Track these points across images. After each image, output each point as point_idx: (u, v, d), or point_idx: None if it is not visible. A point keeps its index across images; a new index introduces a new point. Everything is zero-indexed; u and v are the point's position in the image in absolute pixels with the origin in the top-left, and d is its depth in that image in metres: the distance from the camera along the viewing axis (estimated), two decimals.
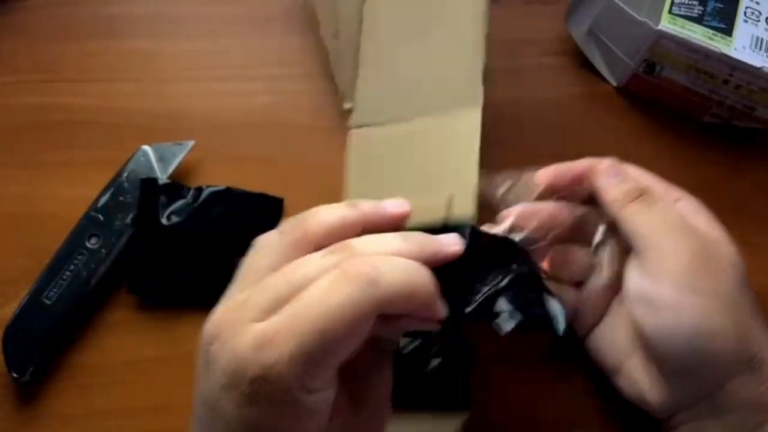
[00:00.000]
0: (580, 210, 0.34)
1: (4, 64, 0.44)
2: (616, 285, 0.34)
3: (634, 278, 0.31)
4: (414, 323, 0.24)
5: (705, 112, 0.43)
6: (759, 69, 0.38)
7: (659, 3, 0.40)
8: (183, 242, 0.38)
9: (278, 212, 0.40)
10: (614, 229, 0.33)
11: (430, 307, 0.24)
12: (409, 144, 0.38)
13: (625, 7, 0.41)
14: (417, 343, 0.34)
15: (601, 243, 0.34)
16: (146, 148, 0.40)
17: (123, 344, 0.38)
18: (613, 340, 0.33)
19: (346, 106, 0.40)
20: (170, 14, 0.46)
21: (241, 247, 0.39)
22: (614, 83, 0.45)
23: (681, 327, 0.29)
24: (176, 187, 0.39)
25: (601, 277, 0.34)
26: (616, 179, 0.32)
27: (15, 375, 0.35)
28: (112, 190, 0.38)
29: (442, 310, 0.24)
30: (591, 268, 0.34)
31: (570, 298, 0.34)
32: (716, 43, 0.38)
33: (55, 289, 0.36)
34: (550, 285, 0.32)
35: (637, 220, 0.31)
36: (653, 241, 0.30)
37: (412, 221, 0.35)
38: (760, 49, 0.38)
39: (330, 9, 0.41)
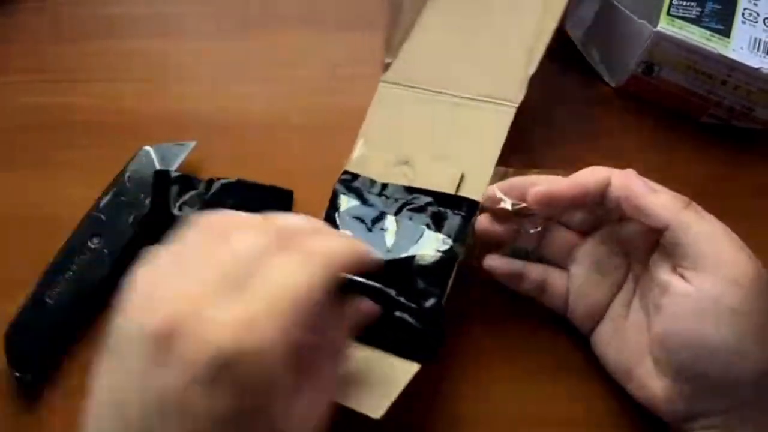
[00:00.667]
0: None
1: (5, 64, 0.44)
2: (604, 281, 0.34)
3: (680, 285, 0.30)
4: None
5: (703, 113, 0.43)
6: (757, 70, 0.38)
7: (658, 4, 0.40)
8: None
9: (288, 204, 0.40)
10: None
11: (370, 264, 0.28)
12: (434, 115, 0.40)
13: (624, 9, 0.41)
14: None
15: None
16: (148, 148, 0.40)
17: None
18: (622, 344, 0.33)
19: (387, 60, 0.42)
20: (171, 14, 0.46)
21: None
22: (613, 84, 0.45)
23: (724, 343, 0.28)
24: (188, 178, 0.39)
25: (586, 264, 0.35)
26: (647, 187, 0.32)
27: (17, 374, 0.35)
28: (114, 190, 0.38)
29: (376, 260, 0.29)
30: (574, 254, 0.35)
31: (559, 282, 0.35)
32: (714, 44, 0.39)
33: (57, 289, 0.36)
34: (533, 267, 0.36)
35: (696, 227, 0.30)
36: (716, 252, 0.30)
37: (423, 183, 0.37)
38: (758, 50, 0.39)
39: None
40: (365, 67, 0.43)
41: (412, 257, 0.35)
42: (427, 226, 0.36)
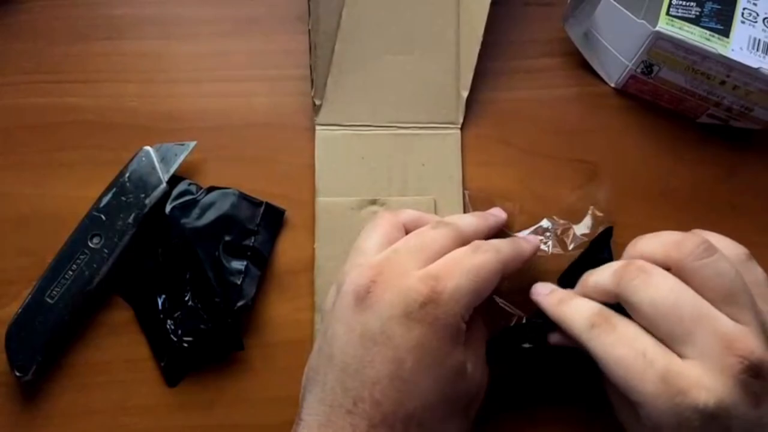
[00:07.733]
0: None
1: (7, 64, 0.44)
2: None
3: None
4: None
5: (702, 113, 0.43)
6: (756, 70, 0.38)
7: (657, 4, 0.40)
8: (174, 236, 0.39)
9: (279, 221, 0.40)
10: None
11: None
12: (381, 150, 0.40)
13: (623, 9, 0.41)
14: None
15: None
16: (148, 148, 0.40)
17: (125, 343, 0.38)
18: None
19: (317, 102, 0.41)
20: (172, 15, 0.46)
21: (232, 249, 0.39)
22: (612, 84, 0.45)
23: None
24: (189, 184, 0.40)
25: None
26: None
27: (18, 374, 0.35)
28: (114, 190, 0.39)
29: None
30: None
31: None
32: (713, 44, 0.39)
33: (57, 289, 0.36)
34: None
35: (602, 353, 0.31)
36: (621, 379, 0.30)
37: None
38: (758, 50, 0.39)
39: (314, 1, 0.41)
40: None
41: None
42: None
